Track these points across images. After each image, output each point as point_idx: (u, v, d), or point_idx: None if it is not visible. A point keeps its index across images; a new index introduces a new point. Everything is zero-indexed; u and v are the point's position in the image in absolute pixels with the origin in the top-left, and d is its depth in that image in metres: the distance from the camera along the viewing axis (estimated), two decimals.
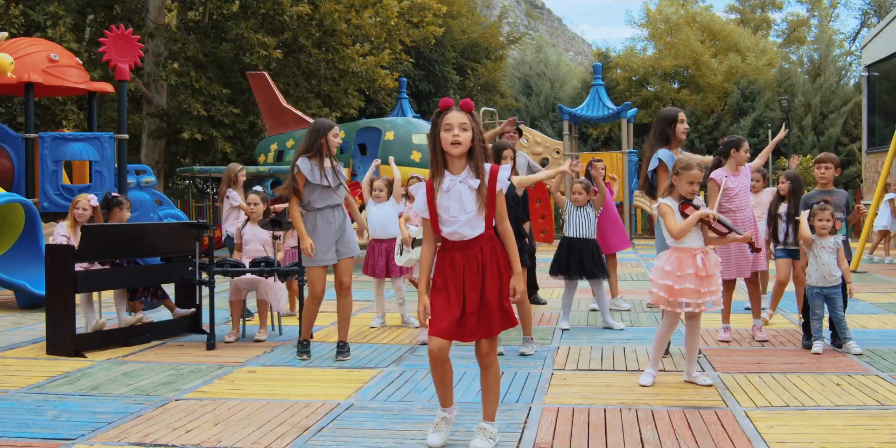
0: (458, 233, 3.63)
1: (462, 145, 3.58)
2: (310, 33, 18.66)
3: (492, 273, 3.65)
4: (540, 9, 79.78)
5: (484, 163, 3.64)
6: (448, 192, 3.62)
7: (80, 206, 6.82)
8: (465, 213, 3.61)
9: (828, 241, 5.77)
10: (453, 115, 3.57)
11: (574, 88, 31.58)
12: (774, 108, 29.04)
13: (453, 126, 3.56)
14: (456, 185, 3.62)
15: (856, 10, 59.83)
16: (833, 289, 5.79)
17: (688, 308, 4.83)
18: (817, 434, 3.91)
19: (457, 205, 3.62)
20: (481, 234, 3.65)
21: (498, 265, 3.67)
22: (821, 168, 6.14)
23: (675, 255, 4.85)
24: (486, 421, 3.78)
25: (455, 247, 3.65)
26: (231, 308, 6.75)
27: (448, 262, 3.66)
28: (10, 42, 10.25)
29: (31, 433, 4.02)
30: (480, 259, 3.63)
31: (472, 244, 3.64)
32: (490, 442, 3.71)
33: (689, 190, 4.83)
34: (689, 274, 4.78)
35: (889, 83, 19.69)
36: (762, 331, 6.39)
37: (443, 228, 3.66)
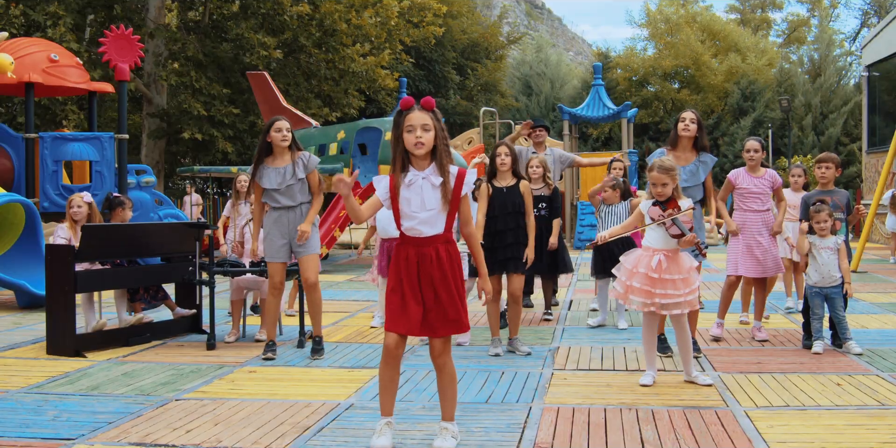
0: (415, 229, 3.61)
1: (425, 146, 3.57)
2: (310, 33, 18.67)
3: (446, 274, 3.61)
4: (540, 9, 79.80)
5: (449, 163, 3.63)
6: (410, 186, 3.60)
7: (74, 205, 6.81)
8: (425, 209, 3.59)
9: (827, 241, 5.77)
10: (415, 116, 3.55)
11: (574, 88, 31.59)
12: (774, 108, 29.03)
13: (415, 127, 3.54)
14: (419, 180, 3.60)
15: (856, 10, 59.85)
16: (833, 289, 5.79)
17: (633, 305, 4.88)
18: (817, 434, 3.91)
19: (417, 200, 3.59)
20: (438, 234, 3.61)
21: (452, 268, 3.63)
22: (821, 168, 6.14)
23: (638, 252, 4.92)
24: (446, 421, 3.76)
25: (411, 242, 3.63)
26: (232, 308, 6.75)
27: (403, 257, 3.64)
28: (10, 42, 10.25)
29: (31, 433, 4.02)
30: (435, 259, 3.60)
31: (427, 242, 3.61)
32: (453, 441, 3.71)
33: (655, 192, 4.86)
34: (640, 273, 4.80)
35: (889, 83, 19.68)
36: (762, 331, 6.39)
37: (403, 223, 3.64)
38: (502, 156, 5.88)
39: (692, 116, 5.80)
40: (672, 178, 4.83)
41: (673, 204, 4.84)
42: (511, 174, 5.89)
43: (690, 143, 5.82)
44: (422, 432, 3.96)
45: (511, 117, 26.48)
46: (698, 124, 5.80)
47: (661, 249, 4.82)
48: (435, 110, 3.62)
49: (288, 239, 5.78)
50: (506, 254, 5.81)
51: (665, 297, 4.76)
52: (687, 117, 5.80)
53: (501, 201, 5.81)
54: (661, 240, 4.84)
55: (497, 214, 5.80)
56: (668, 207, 4.82)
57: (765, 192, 6.20)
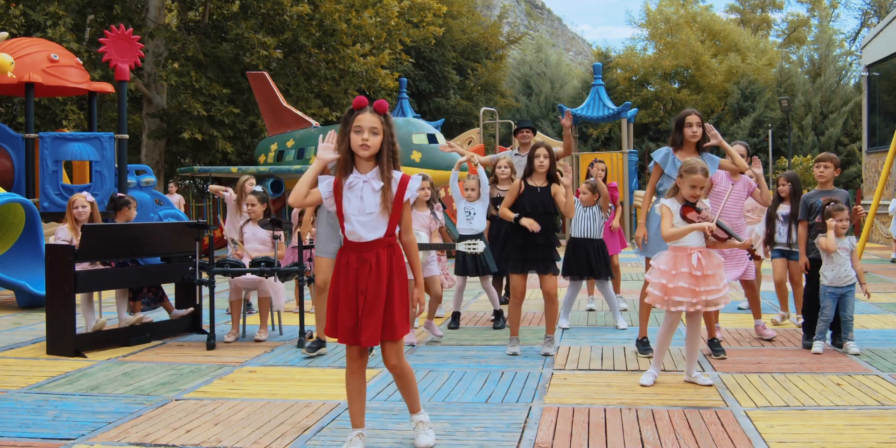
0: (354, 233, 3.56)
1: (370, 149, 3.52)
2: (310, 33, 18.67)
3: (387, 278, 3.55)
4: (540, 9, 79.80)
5: (393, 168, 3.57)
6: (351, 188, 3.56)
7: (78, 205, 6.80)
8: (364, 213, 3.54)
9: (843, 241, 5.75)
10: (366, 117, 3.50)
11: (574, 88, 31.61)
12: (774, 108, 29.05)
13: (363, 129, 3.50)
14: (360, 183, 3.56)
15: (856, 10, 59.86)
16: (847, 288, 5.79)
17: (681, 307, 4.82)
18: (817, 434, 3.91)
19: (357, 203, 3.55)
20: (379, 238, 3.56)
21: (392, 271, 3.57)
22: (819, 167, 6.13)
23: (672, 254, 4.87)
24: (415, 413, 3.80)
25: (352, 248, 3.58)
26: (231, 308, 6.75)
27: (343, 262, 3.60)
28: (10, 42, 10.25)
29: (31, 433, 4.03)
30: (374, 264, 3.54)
31: (367, 247, 3.55)
32: (431, 432, 3.76)
33: (691, 193, 4.82)
34: (683, 272, 4.78)
35: (889, 83, 19.68)
36: (766, 329, 6.40)
37: (345, 226, 3.60)
38: (541, 158, 5.82)
39: (698, 120, 5.73)
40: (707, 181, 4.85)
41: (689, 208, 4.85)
42: (546, 176, 5.87)
43: (695, 147, 5.80)
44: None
45: (511, 117, 26.49)
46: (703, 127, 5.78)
47: (696, 247, 4.82)
48: (387, 114, 3.56)
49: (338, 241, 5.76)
50: (536, 254, 5.80)
51: (710, 293, 4.77)
52: (693, 122, 5.71)
53: (532, 200, 5.78)
54: (696, 238, 4.83)
55: (529, 213, 5.77)
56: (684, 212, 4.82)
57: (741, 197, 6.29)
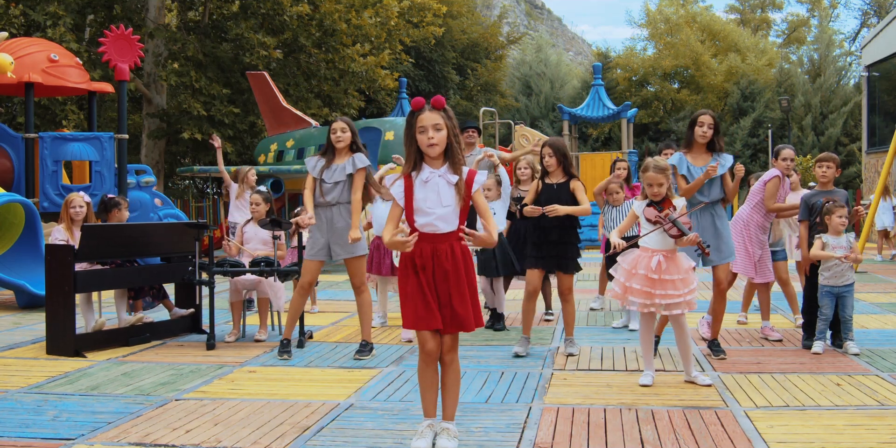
0: (431, 225, 3.64)
1: (438, 146, 3.61)
2: (310, 33, 18.67)
3: (462, 270, 3.66)
4: (540, 9, 79.79)
5: (462, 160, 3.68)
6: (427, 183, 3.64)
7: (76, 204, 6.79)
8: (442, 206, 3.63)
9: (841, 239, 5.75)
10: (426, 116, 3.59)
11: (574, 88, 31.61)
12: (774, 108, 29.04)
13: (427, 128, 3.58)
14: (435, 178, 3.64)
15: (856, 10, 59.84)
16: (845, 288, 5.78)
17: (632, 307, 4.88)
18: (817, 434, 3.91)
19: (434, 197, 3.63)
20: (453, 230, 3.67)
21: (466, 264, 3.68)
22: (822, 167, 6.12)
23: (636, 253, 4.90)
24: (447, 421, 3.76)
25: (426, 239, 3.65)
26: (231, 309, 6.75)
27: (417, 254, 3.65)
28: (10, 42, 10.25)
29: (31, 433, 4.02)
30: (450, 254, 3.64)
31: (443, 239, 3.65)
32: (455, 441, 3.71)
33: (650, 192, 4.85)
34: (640, 274, 4.80)
35: (889, 83, 19.69)
36: (774, 331, 6.40)
37: (417, 219, 3.66)
38: (546, 157, 5.83)
39: (710, 121, 5.61)
40: (667, 177, 4.83)
41: (668, 204, 4.84)
42: (562, 172, 5.86)
43: (705, 146, 5.75)
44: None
45: (511, 117, 26.48)
46: (715, 128, 5.71)
47: (659, 250, 4.82)
48: (446, 108, 3.65)
49: (326, 239, 5.79)
50: (551, 251, 5.78)
51: (665, 297, 4.76)
52: (706, 122, 5.60)
53: (548, 197, 5.77)
54: (659, 240, 4.83)
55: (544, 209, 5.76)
56: (664, 207, 4.81)
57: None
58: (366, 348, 5.87)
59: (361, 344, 5.91)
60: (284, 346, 5.88)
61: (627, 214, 5.07)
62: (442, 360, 3.73)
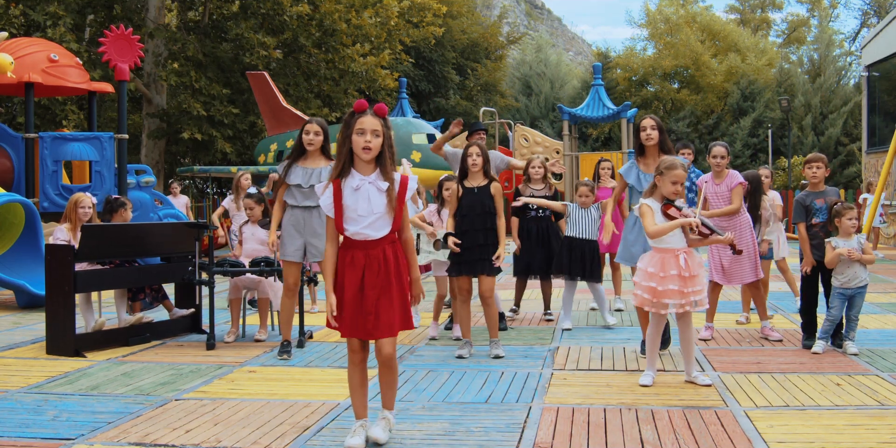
0: (361, 233, 3.66)
1: (373, 151, 3.62)
2: (310, 33, 18.67)
3: (394, 274, 3.68)
4: (540, 9, 79.79)
5: (393, 170, 3.70)
6: (357, 190, 3.65)
7: (85, 206, 6.79)
8: (372, 213, 3.65)
9: (851, 242, 5.73)
10: (367, 120, 3.60)
11: (574, 88, 31.60)
12: (774, 108, 29.04)
13: (366, 131, 3.60)
14: (365, 185, 3.66)
15: (856, 10, 59.87)
16: (858, 289, 5.76)
17: (672, 309, 4.84)
18: (817, 434, 3.91)
19: (365, 204, 3.64)
20: (385, 236, 3.68)
21: (398, 267, 3.70)
22: (812, 168, 6.12)
23: (658, 256, 4.86)
24: (386, 410, 3.84)
25: (357, 246, 3.67)
26: (230, 307, 6.75)
27: (348, 261, 3.68)
28: (10, 42, 10.25)
29: (31, 433, 4.02)
30: (382, 260, 3.66)
31: (374, 245, 3.67)
32: (388, 433, 3.79)
33: (672, 190, 4.83)
34: (673, 275, 4.78)
35: (889, 83, 19.68)
36: (774, 331, 6.40)
37: (347, 227, 3.68)
38: (474, 156, 5.81)
39: (652, 123, 5.79)
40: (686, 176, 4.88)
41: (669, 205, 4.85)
42: (482, 175, 5.85)
43: (657, 150, 5.80)
44: (421, 432, 3.96)
45: (511, 117, 26.48)
46: (659, 130, 5.79)
47: (681, 249, 4.83)
48: (386, 118, 3.68)
49: (303, 239, 5.81)
50: (474, 255, 5.76)
51: (696, 294, 4.81)
52: (647, 125, 5.78)
53: (470, 202, 5.77)
54: (680, 239, 4.84)
55: (466, 214, 5.77)
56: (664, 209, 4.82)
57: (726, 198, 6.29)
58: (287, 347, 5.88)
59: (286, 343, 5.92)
60: (284, 347, 5.88)
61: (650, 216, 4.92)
62: (382, 362, 3.75)
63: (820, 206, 5.96)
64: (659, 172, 4.85)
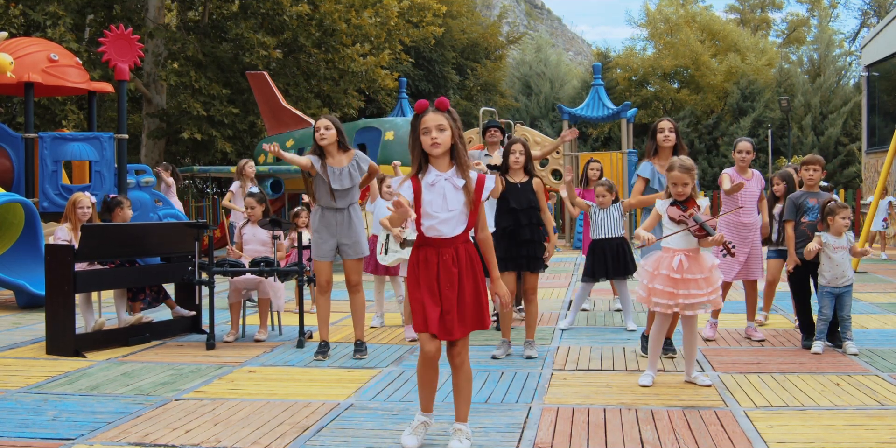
0: (435, 229, 3.63)
1: (441, 146, 3.60)
2: (310, 33, 18.66)
3: (467, 273, 3.66)
4: (540, 9, 79.78)
5: (468, 164, 3.67)
6: (433, 186, 3.62)
7: (84, 205, 6.79)
8: (447, 210, 3.62)
9: (841, 240, 5.76)
10: (429, 118, 3.59)
11: (574, 88, 31.58)
12: (774, 108, 29.03)
13: (430, 129, 3.58)
14: (441, 181, 3.63)
15: (856, 10, 59.86)
16: (845, 288, 5.78)
17: (657, 308, 4.84)
18: (817, 434, 3.91)
19: (440, 201, 3.61)
20: (458, 235, 3.65)
21: (473, 266, 3.68)
22: (809, 170, 6.15)
23: (658, 254, 4.89)
24: (459, 422, 3.76)
25: (430, 244, 3.65)
26: (231, 309, 6.75)
27: (422, 259, 3.66)
28: (10, 42, 10.24)
29: (31, 433, 4.02)
30: (455, 258, 3.64)
31: (447, 243, 3.64)
32: (467, 442, 3.70)
33: (675, 192, 4.85)
34: (662, 274, 4.78)
35: (889, 83, 19.69)
36: (756, 331, 6.41)
37: (423, 222, 3.65)
38: (517, 154, 5.82)
39: (670, 126, 5.87)
40: (692, 177, 4.84)
41: (692, 203, 4.83)
42: (523, 171, 5.87)
43: (671, 152, 5.85)
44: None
45: (511, 117, 26.47)
46: (676, 132, 5.85)
47: (681, 250, 4.81)
48: (450, 110, 3.64)
49: (335, 240, 5.80)
50: (521, 251, 5.76)
51: (688, 297, 4.75)
52: (665, 127, 5.86)
53: (515, 196, 5.78)
54: (681, 240, 4.83)
55: (511, 208, 5.76)
56: (688, 207, 4.81)
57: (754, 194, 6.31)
58: (362, 347, 5.87)
59: (357, 343, 5.90)
60: (322, 347, 5.86)
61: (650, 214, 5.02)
62: (451, 362, 3.75)
63: (812, 205, 6.01)
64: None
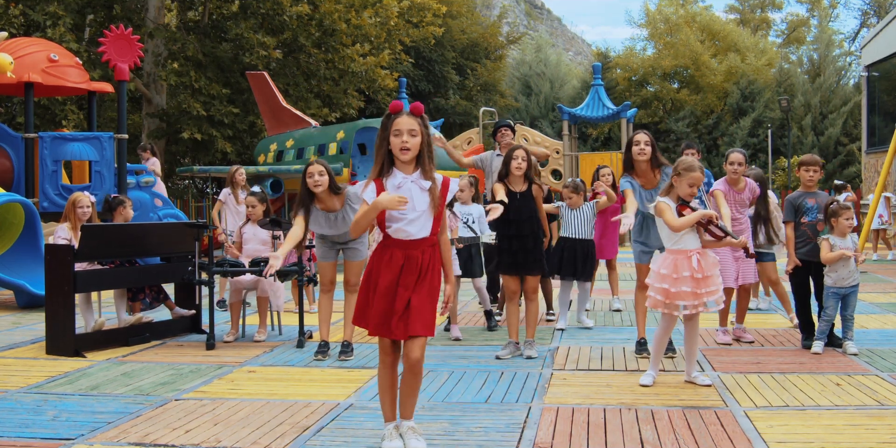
0: (403, 230, 3.62)
1: (411, 151, 3.58)
2: (310, 33, 18.66)
3: (429, 277, 3.65)
4: (539, 9, 79.78)
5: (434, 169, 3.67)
6: (399, 189, 3.61)
7: (84, 205, 6.79)
8: (414, 211, 3.61)
9: (846, 241, 5.76)
10: (403, 121, 3.56)
11: (574, 88, 31.60)
12: (774, 108, 29.04)
13: (402, 132, 3.56)
14: (408, 183, 3.62)
15: (855, 10, 59.85)
16: (850, 289, 5.78)
17: (685, 311, 4.85)
18: (817, 434, 3.91)
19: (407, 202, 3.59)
20: (426, 236, 3.65)
21: (433, 270, 3.67)
22: (809, 171, 6.15)
23: (671, 257, 4.86)
24: (407, 419, 3.75)
25: (398, 245, 3.64)
26: (230, 310, 6.75)
27: (386, 259, 3.64)
28: (10, 42, 10.24)
29: (31, 433, 4.02)
30: (420, 261, 3.63)
31: (414, 245, 3.63)
32: (423, 440, 3.70)
33: (689, 192, 4.84)
34: (685, 276, 4.78)
35: (889, 83, 19.69)
36: (746, 332, 6.41)
37: (389, 224, 3.64)
38: (519, 160, 5.81)
39: (646, 139, 5.69)
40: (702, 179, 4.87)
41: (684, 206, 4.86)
42: (524, 178, 5.87)
43: (649, 164, 5.78)
44: (421, 432, 3.95)
45: (511, 117, 26.48)
46: (652, 146, 5.73)
47: (694, 249, 4.83)
48: (423, 116, 3.62)
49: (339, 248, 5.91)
50: (525, 258, 5.79)
51: (710, 294, 4.81)
52: (641, 140, 5.68)
53: (517, 206, 5.76)
54: (694, 240, 4.85)
55: (514, 219, 5.75)
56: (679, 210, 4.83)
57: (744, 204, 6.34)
58: (348, 348, 5.85)
59: (343, 344, 5.89)
60: (322, 347, 5.87)
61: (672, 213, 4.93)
62: (407, 363, 3.68)
63: (811, 206, 6.01)
64: (677, 173, 4.86)
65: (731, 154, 6.27)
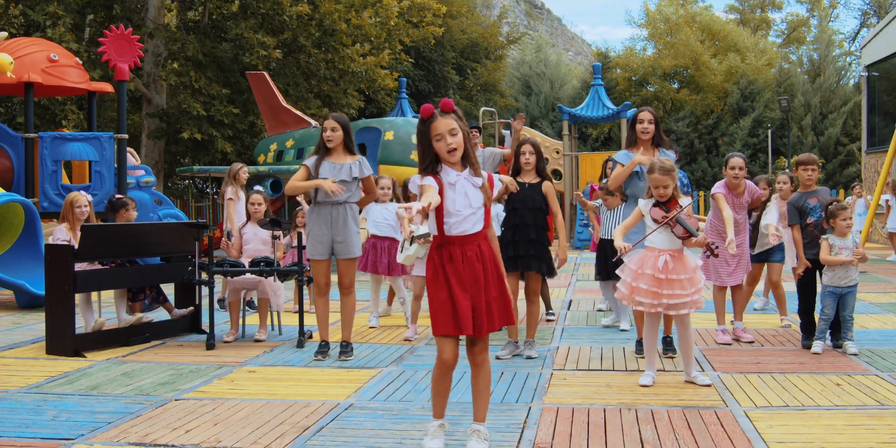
0: (460, 227, 3.62)
1: (458, 150, 3.58)
2: (310, 33, 18.65)
3: (491, 269, 3.66)
4: (539, 9, 79.76)
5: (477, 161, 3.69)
6: (454, 186, 3.61)
7: (81, 204, 6.79)
8: (470, 208, 3.62)
9: (847, 241, 5.75)
10: (440, 124, 3.53)
11: (574, 88, 31.60)
12: (774, 108, 29.04)
13: (444, 135, 3.53)
14: (461, 180, 3.62)
15: (856, 10, 59.84)
16: (848, 289, 5.78)
17: (641, 307, 4.85)
18: (817, 434, 3.91)
19: (463, 200, 3.61)
20: (479, 231, 3.67)
21: (495, 262, 3.69)
22: (807, 170, 6.15)
23: (641, 253, 4.89)
24: (477, 422, 3.74)
25: (454, 242, 3.63)
26: (230, 309, 6.75)
27: (446, 258, 3.63)
28: (10, 42, 10.25)
29: (31, 433, 4.02)
30: (479, 255, 3.64)
31: (471, 240, 3.64)
32: (485, 443, 3.68)
33: (657, 193, 4.85)
34: (647, 274, 4.79)
35: (889, 83, 19.69)
36: (746, 332, 6.41)
37: (446, 220, 3.63)
38: (527, 155, 5.83)
39: (650, 117, 5.77)
40: (673, 178, 4.82)
41: (674, 203, 4.83)
42: (535, 172, 5.87)
43: (650, 143, 5.81)
44: (421, 432, 3.96)
45: (510, 117, 26.47)
46: (656, 123, 5.80)
47: (666, 250, 4.82)
48: (455, 110, 3.59)
49: (331, 236, 5.78)
50: (526, 250, 5.76)
51: (672, 297, 4.77)
52: (645, 118, 5.76)
53: (521, 196, 5.78)
54: (666, 240, 4.84)
55: (517, 208, 5.77)
56: (671, 208, 4.81)
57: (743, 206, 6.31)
58: (347, 348, 5.84)
59: (342, 344, 5.88)
60: (322, 347, 5.85)
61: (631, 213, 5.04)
62: (472, 361, 3.73)
63: (813, 205, 6.01)
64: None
65: (732, 159, 6.27)
